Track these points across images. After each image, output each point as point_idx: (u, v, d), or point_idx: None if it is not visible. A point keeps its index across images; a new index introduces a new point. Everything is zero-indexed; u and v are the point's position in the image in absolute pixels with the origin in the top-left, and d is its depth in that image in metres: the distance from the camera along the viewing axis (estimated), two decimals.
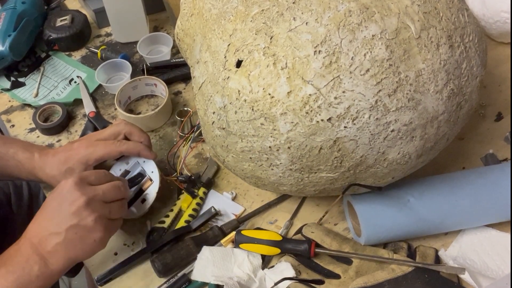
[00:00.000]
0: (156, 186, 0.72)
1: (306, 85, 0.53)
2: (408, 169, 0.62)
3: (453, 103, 0.58)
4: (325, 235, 0.69)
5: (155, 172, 0.72)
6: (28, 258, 0.58)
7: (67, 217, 0.58)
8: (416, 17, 0.55)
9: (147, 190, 0.72)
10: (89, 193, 0.60)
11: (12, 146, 0.73)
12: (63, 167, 0.69)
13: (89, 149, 0.69)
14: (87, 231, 0.59)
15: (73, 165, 0.69)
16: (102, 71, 0.93)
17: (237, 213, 0.74)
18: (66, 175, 0.68)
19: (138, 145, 0.72)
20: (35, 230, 0.60)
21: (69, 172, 0.68)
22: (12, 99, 0.94)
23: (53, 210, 0.60)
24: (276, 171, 0.60)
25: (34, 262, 0.58)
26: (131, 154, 0.72)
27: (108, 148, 0.70)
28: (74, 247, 0.59)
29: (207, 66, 0.61)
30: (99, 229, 0.59)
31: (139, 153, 0.72)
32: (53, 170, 0.69)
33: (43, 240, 0.58)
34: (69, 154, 0.69)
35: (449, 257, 0.67)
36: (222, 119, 0.60)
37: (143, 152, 0.72)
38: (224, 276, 0.64)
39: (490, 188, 0.67)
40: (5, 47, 0.92)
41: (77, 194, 0.59)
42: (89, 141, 0.71)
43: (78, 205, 0.58)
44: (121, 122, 0.73)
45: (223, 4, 0.61)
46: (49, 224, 0.59)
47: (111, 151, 0.70)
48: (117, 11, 0.97)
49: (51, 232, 0.58)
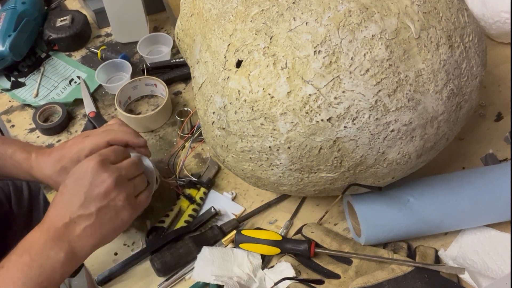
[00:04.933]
0: (152, 188, 0.70)
1: (306, 85, 0.53)
2: (408, 169, 0.62)
3: (453, 103, 0.58)
4: (325, 235, 0.69)
5: (152, 173, 0.71)
6: (53, 245, 0.56)
7: (97, 199, 0.58)
8: (416, 17, 0.55)
9: None
10: (115, 173, 0.59)
11: (11, 147, 0.73)
12: (57, 166, 0.68)
13: (79, 145, 0.69)
14: (116, 211, 0.59)
15: (66, 163, 0.68)
16: (102, 71, 0.93)
17: (237, 213, 0.75)
18: (61, 175, 0.68)
19: (126, 133, 0.70)
20: (59, 213, 0.58)
21: (63, 171, 0.68)
22: (12, 99, 0.94)
23: (79, 192, 0.58)
24: (276, 171, 0.60)
25: (60, 249, 0.57)
26: (119, 142, 0.70)
27: (96, 140, 0.69)
28: (103, 228, 0.59)
29: (207, 66, 0.61)
30: (127, 208, 0.60)
31: (127, 141, 0.70)
32: (48, 169, 0.69)
33: (71, 224, 0.57)
34: (62, 152, 0.69)
35: (449, 257, 0.67)
36: (222, 119, 0.60)
37: (132, 139, 0.70)
38: (224, 276, 0.64)
39: (490, 188, 0.67)
40: (5, 47, 0.92)
41: (105, 175, 0.58)
42: (80, 137, 0.70)
43: (107, 185, 0.58)
44: (115, 122, 0.73)
45: (223, 4, 0.61)
46: (76, 206, 0.57)
47: (99, 142, 0.68)
48: (117, 11, 0.97)
49: (79, 214, 0.57)
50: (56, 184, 0.70)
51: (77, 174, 0.60)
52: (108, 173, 0.59)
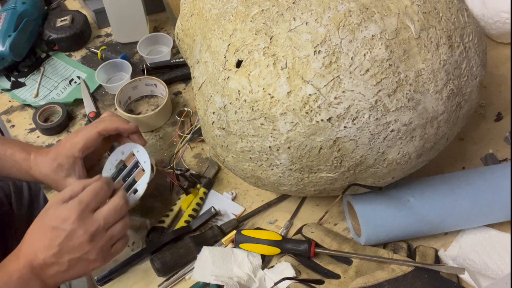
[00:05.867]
0: (147, 176, 0.69)
1: (306, 85, 0.53)
2: (408, 169, 0.62)
3: (452, 103, 0.58)
4: (325, 235, 0.69)
5: (147, 162, 0.70)
6: (29, 281, 0.58)
7: (71, 252, 0.58)
8: (416, 17, 0.55)
9: (139, 181, 0.70)
10: (92, 227, 0.59)
11: (10, 147, 0.73)
12: (54, 164, 0.69)
13: (72, 140, 0.69)
14: (88, 262, 0.60)
15: (61, 161, 0.69)
16: (102, 71, 0.93)
17: (237, 213, 0.75)
18: (58, 172, 0.68)
19: (115, 121, 0.70)
20: (34, 252, 0.59)
21: (60, 169, 0.69)
22: (12, 99, 0.94)
23: (54, 242, 0.58)
24: (276, 171, 0.60)
25: (35, 285, 0.59)
26: (110, 131, 0.70)
27: (87, 133, 0.69)
28: (74, 272, 0.60)
29: (207, 66, 0.61)
30: (100, 260, 0.60)
31: (117, 128, 0.69)
32: (46, 168, 0.69)
33: (45, 267, 0.59)
34: (57, 150, 0.70)
35: (449, 257, 0.67)
36: (222, 119, 0.60)
37: (122, 125, 0.69)
38: (224, 276, 0.64)
39: (490, 188, 0.67)
40: (5, 47, 0.92)
41: (81, 231, 0.58)
42: (73, 133, 0.71)
43: (82, 241, 0.58)
44: (107, 114, 0.73)
45: (223, 4, 0.61)
46: (50, 254, 0.58)
47: (90, 134, 0.69)
48: (117, 11, 0.97)
49: (52, 261, 0.58)
50: (54, 183, 0.70)
51: (54, 221, 0.59)
52: (85, 227, 0.58)
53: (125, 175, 0.71)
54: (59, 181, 0.70)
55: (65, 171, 0.69)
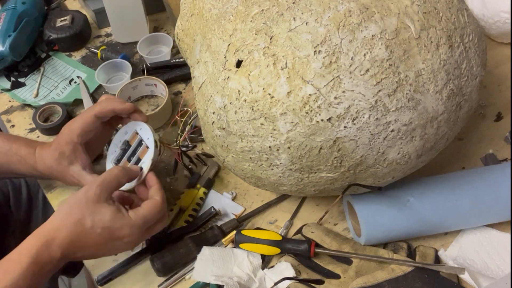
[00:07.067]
0: (151, 153, 0.68)
1: (306, 85, 0.53)
2: (408, 169, 0.62)
3: (452, 103, 0.58)
4: (325, 235, 0.69)
5: (151, 138, 0.69)
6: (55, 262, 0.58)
7: (111, 249, 0.61)
8: (416, 17, 0.55)
9: (144, 158, 0.69)
10: (141, 241, 0.64)
11: (15, 142, 0.73)
12: (56, 154, 0.69)
13: (70, 126, 0.69)
14: (121, 245, 0.61)
15: (61, 148, 0.69)
16: (102, 71, 0.93)
17: (237, 213, 0.75)
18: (61, 161, 0.68)
19: (111, 102, 0.69)
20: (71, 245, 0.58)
21: (62, 157, 0.69)
22: (12, 99, 0.94)
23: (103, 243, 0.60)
24: (276, 171, 0.60)
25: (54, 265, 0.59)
26: (106, 113, 0.69)
27: (83, 118, 0.69)
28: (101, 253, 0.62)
29: (207, 66, 0.61)
30: (130, 247, 0.64)
31: (113, 108, 0.69)
32: (49, 160, 0.69)
33: (77, 252, 0.59)
34: (57, 139, 0.70)
35: (449, 257, 0.67)
36: (222, 119, 0.60)
37: (118, 106, 0.69)
38: (224, 276, 0.64)
39: (490, 188, 0.67)
40: (5, 47, 0.92)
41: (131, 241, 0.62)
42: (71, 120, 0.71)
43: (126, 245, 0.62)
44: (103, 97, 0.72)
45: (223, 4, 0.61)
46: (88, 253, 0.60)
47: (86, 118, 0.69)
48: (117, 11, 0.97)
49: (91, 252, 0.60)
50: (59, 174, 0.70)
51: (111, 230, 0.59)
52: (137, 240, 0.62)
53: (130, 154, 0.70)
54: (63, 171, 0.69)
55: (67, 159, 0.69)
